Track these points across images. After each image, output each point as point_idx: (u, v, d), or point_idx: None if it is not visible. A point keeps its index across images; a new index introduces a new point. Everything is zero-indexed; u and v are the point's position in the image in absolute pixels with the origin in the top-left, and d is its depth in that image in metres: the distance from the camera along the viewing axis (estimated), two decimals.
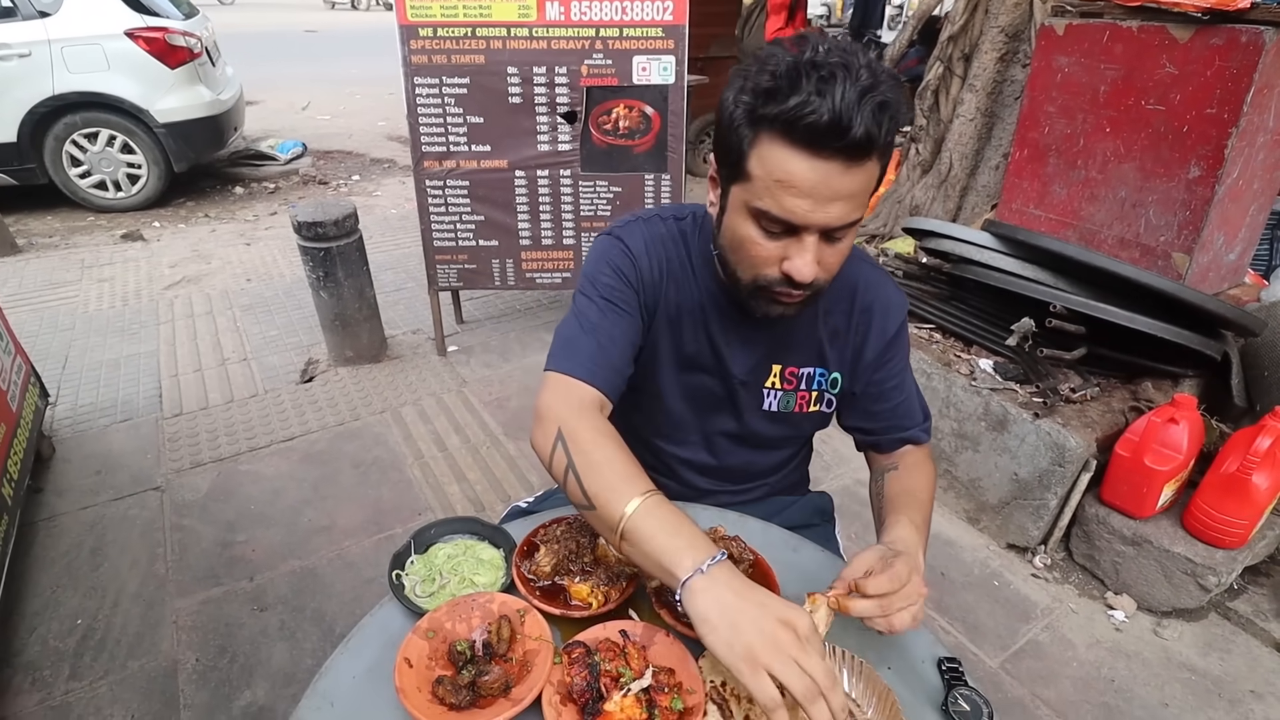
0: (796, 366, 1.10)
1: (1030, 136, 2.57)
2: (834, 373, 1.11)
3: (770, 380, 1.11)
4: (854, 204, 0.83)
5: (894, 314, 1.10)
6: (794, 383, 1.11)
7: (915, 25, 4.35)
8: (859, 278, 1.09)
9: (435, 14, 2.62)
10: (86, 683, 1.77)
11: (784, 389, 1.11)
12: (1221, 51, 2.01)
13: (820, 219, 0.82)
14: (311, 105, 8.44)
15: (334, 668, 0.86)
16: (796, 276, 0.86)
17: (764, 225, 0.86)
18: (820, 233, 0.84)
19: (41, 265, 4.17)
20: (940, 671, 0.87)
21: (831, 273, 0.90)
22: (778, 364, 1.10)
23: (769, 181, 0.82)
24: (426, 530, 1.04)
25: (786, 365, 1.10)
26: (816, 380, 1.11)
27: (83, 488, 2.42)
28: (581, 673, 0.80)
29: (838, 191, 0.80)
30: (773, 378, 1.11)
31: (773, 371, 1.10)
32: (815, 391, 1.12)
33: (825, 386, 1.12)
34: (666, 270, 1.06)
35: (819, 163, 0.78)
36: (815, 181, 0.79)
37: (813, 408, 1.13)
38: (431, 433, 2.76)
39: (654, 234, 1.07)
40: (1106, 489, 2.08)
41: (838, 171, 0.79)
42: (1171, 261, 2.27)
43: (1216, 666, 1.90)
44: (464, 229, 2.98)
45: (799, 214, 0.81)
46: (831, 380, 1.12)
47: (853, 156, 0.78)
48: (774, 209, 0.83)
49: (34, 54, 4.32)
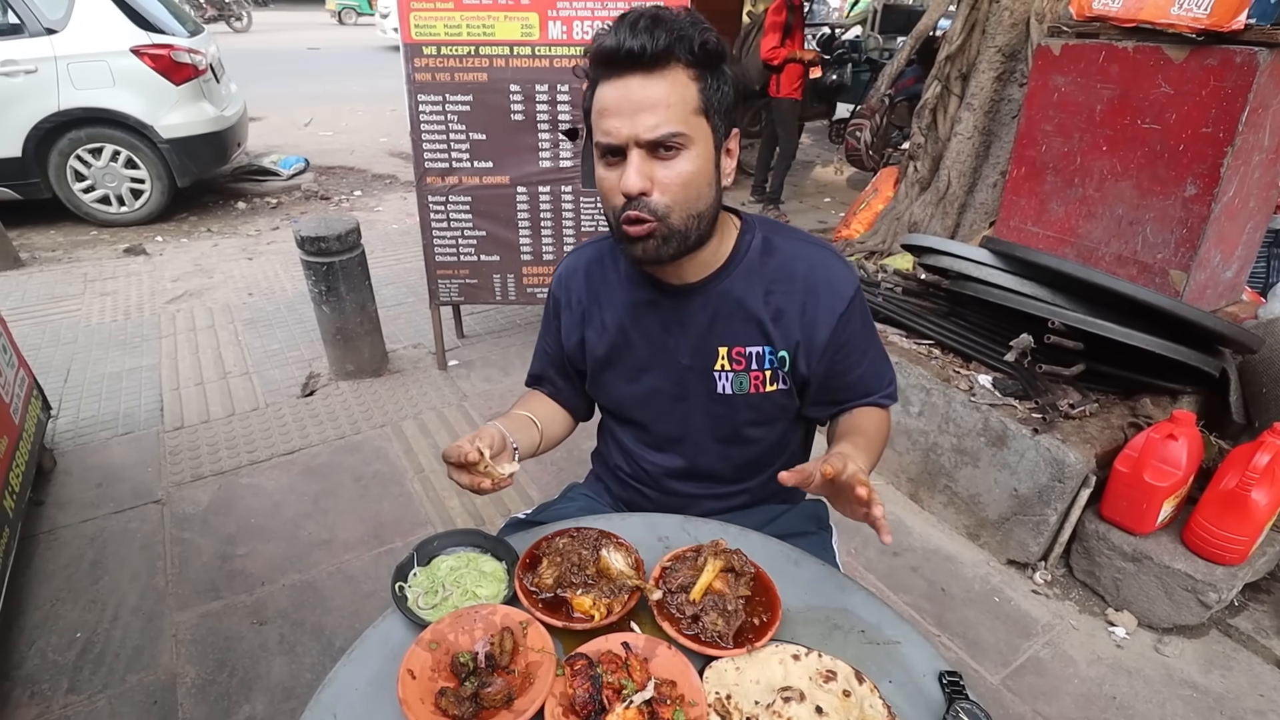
0: (743, 346, 1.12)
1: (1028, 155, 2.60)
2: (781, 350, 1.12)
3: (719, 363, 1.13)
4: (664, 113, 0.92)
5: (841, 288, 1.10)
6: (743, 363, 1.13)
7: (913, 45, 4.41)
8: (802, 257, 1.11)
9: (439, 33, 2.66)
10: (85, 696, 1.76)
11: (734, 369, 1.13)
12: (1216, 72, 2.04)
13: (631, 130, 0.92)
14: (314, 121, 8.50)
15: (337, 679, 0.86)
16: (625, 188, 0.94)
17: (603, 159, 0.97)
18: (643, 148, 0.93)
19: (44, 279, 4.19)
20: (941, 685, 0.87)
21: (671, 195, 0.96)
22: (723, 345, 1.12)
23: (596, 116, 0.96)
24: (429, 542, 1.05)
25: (733, 346, 1.12)
26: (767, 359, 1.12)
27: (84, 500, 2.42)
28: (584, 685, 0.80)
29: (640, 102, 0.91)
30: (721, 360, 1.13)
31: (720, 354, 1.12)
32: (768, 370, 1.13)
33: (776, 364, 1.13)
34: (586, 291, 1.19)
35: (618, 81, 0.93)
36: (619, 98, 0.93)
37: (769, 387, 1.14)
38: (432, 446, 2.77)
39: (574, 264, 1.22)
40: (1106, 505, 2.08)
41: (636, 83, 0.92)
42: (1169, 279, 2.29)
43: (1218, 684, 1.89)
44: (465, 244, 3.00)
45: (614, 131, 0.93)
46: (780, 358, 1.12)
47: (643, 67, 0.91)
48: (599, 136, 0.96)
49: (40, 70, 4.37)
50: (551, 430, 1.26)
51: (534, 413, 1.22)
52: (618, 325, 1.16)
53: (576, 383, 1.28)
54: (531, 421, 1.20)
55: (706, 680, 0.85)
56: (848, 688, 0.84)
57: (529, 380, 1.34)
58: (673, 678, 0.83)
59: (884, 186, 4.46)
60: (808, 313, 1.10)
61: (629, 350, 1.17)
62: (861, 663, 0.88)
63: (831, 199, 6.33)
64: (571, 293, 1.20)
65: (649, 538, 1.09)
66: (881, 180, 4.55)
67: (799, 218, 5.70)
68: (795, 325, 1.10)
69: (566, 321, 1.22)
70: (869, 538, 2.35)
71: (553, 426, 1.26)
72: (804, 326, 1.10)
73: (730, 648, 0.88)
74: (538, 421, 1.21)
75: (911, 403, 2.44)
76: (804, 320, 1.10)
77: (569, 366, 1.26)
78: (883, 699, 0.83)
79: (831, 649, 0.90)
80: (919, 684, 0.88)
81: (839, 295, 1.10)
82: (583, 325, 1.20)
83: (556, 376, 1.29)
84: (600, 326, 1.18)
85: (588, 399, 1.32)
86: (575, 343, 1.21)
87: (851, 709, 0.82)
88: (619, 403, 1.24)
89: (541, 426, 1.22)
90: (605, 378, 1.21)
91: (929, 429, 2.41)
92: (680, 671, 0.84)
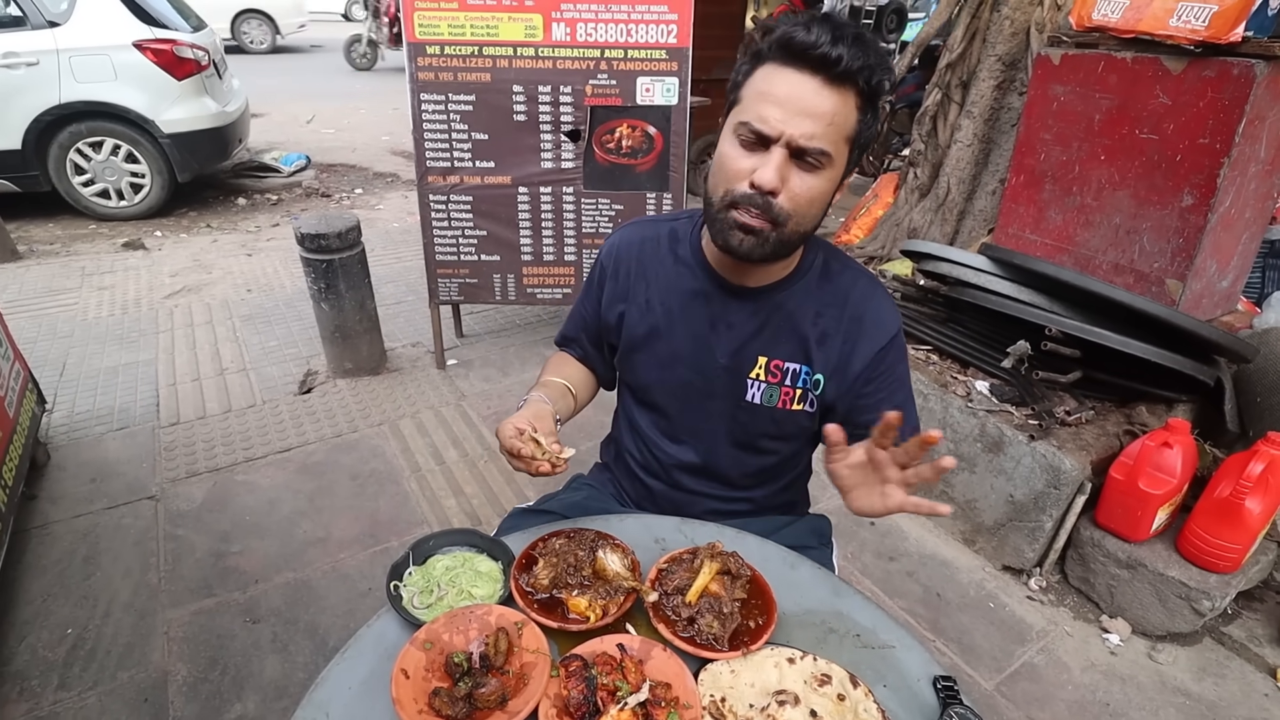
0: (783, 360, 1.12)
1: (1026, 163, 2.61)
2: (818, 373, 1.12)
3: (755, 371, 1.13)
4: (824, 127, 0.90)
5: (884, 328, 1.11)
6: (779, 376, 1.13)
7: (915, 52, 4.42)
8: (855, 286, 1.12)
9: (443, 33, 2.66)
10: (75, 693, 1.75)
11: (769, 381, 1.13)
12: (1214, 83, 2.05)
13: (789, 129, 0.90)
14: (316, 119, 8.49)
15: (330, 678, 0.86)
16: (759, 181, 0.93)
17: (742, 138, 0.94)
18: (789, 150, 0.92)
19: (42, 272, 4.18)
20: (936, 690, 0.87)
21: (796, 204, 0.95)
22: (764, 355, 1.12)
23: (754, 95, 0.93)
24: (425, 542, 1.05)
25: (773, 357, 1.12)
26: (801, 378, 1.13)
27: (77, 495, 2.41)
28: (578, 686, 0.80)
29: (810, 106, 0.90)
30: (758, 369, 1.13)
31: (759, 363, 1.13)
32: (799, 389, 1.13)
33: (809, 385, 1.13)
34: (637, 267, 1.18)
35: (797, 74, 0.90)
36: (791, 91, 0.90)
37: (795, 406, 1.14)
38: (429, 446, 2.76)
39: (630, 237, 1.21)
40: (1101, 512, 2.09)
41: (813, 87, 0.90)
42: (1165, 288, 2.30)
43: (1211, 692, 1.90)
44: (466, 244, 3.00)
45: (771, 120, 0.91)
46: (815, 381, 1.12)
47: (828, 74, 0.89)
48: (753, 118, 0.92)
49: (42, 63, 4.36)
50: (583, 396, 1.27)
51: (568, 379, 1.23)
52: (664, 308, 1.16)
53: (606, 353, 1.29)
54: (568, 389, 1.21)
55: (701, 683, 0.85)
56: (842, 691, 0.84)
57: (559, 339, 1.35)
58: (668, 680, 0.83)
59: (884, 192, 4.47)
60: (849, 341, 1.10)
61: (669, 336, 1.16)
62: (857, 667, 0.88)
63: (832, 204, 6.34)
64: (620, 264, 1.19)
65: (646, 539, 1.09)
66: (881, 186, 4.56)
67: None
68: (836, 351, 1.11)
69: (610, 292, 1.21)
70: (865, 542, 2.35)
71: (584, 392, 1.28)
72: (843, 355, 1.11)
73: (726, 650, 0.88)
74: (573, 388, 1.22)
75: None
76: (844, 348, 1.11)
77: (602, 337, 1.26)
78: (877, 703, 0.83)
79: (827, 653, 0.90)
80: (913, 689, 0.88)
81: (884, 331, 1.11)
82: (626, 300, 1.19)
83: (588, 342, 1.29)
84: (644, 306, 1.17)
85: (614, 369, 1.32)
86: (615, 316, 1.21)
87: (846, 713, 0.82)
88: (645, 385, 1.24)
89: (576, 393, 1.23)
90: (638, 358, 1.21)
91: None
92: (675, 674, 0.84)
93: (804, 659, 0.88)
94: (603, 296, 1.22)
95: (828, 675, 0.86)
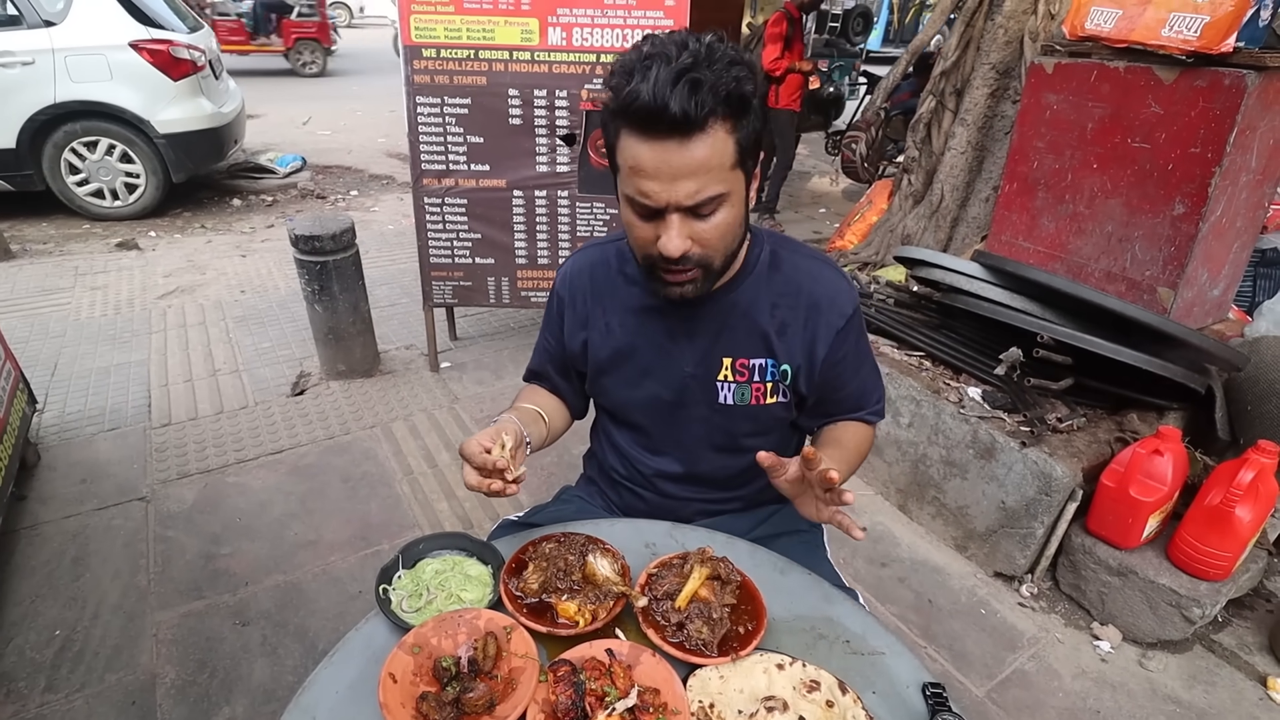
0: (746, 358, 1.13)
1: (1020, 170, 2.62)
2: (784, 364, 1.12)
3: (722, 374, 1.13)
4: (704, 178, 0.88)
5: (842, 306, 1.11)
6: (746, 374, 1.13)
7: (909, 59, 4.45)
8: (807, 272, 1.12)
9: (439, 36, 2.66)
10: (63, 695, 1.74)
11: (737, 380, 1.14)
12: (1205, 93, 2.06)
13: (670, 197, 0.88)
14: (312, 120, 8.49)
15: (317, 682, 0.86)
16: (666, 252, 0.92)
17: (635, 209, 0.94)
18: (683, 210, 0.90)
19: (35, 271, 4.16)
20: (925, 697, 0.87)
21: (712, 247, 0.95)
22: (728, 356, 1.13)
23: (626, 170, 0.91)
24: (414, 545, 1.04)
25: (737, 357, 1.13)
26: (769, 372, 1.13)
27: (67, 496, 2.40)
28: (567, 691, 0.80)
29: (679, 169, 0.87)
30: (724, 370, 1.13)
31: (724, 365, 1.13)
32: (770, 383, 1.14)
33: (778, 377, 1.13)
34: (591, 294, 1.18)
35: (655, 144, 0.86)
36: (657, 162, 0.87)
37: (769, 399, 1.15)
38: (422, 449, 2.76)
39: (580, 265, 1.20)
40: (1092, 519, 2.09)
41: (675, 149, 0.86)
42: (1157, 296, 2.31)
43: (1201, 699, 1.90)
44: (461, 246, 3.00)
45: (652, 195, 0.89)
46: (782, 372, 1.13)
47: (682, 133, 0.85)
48: (634, 194, 0.91)
49: (37, 62, 4.35)
50: (555, 425, 1.25)
51: (541, 407, 1.21)
52: (623, 329, 1.16)
53: (575, 382, 1.28)
54: (540, 416, 1.20)
55: (690, 688, 0.85)
56: (831, 698, 0.84)
57: (527, 375, 1.33)
58: (656, 685, 0.83)
59: (878, 199, 4.49)
60: (809, 327, 1.11)
61: (633, 355, 1.16)
62: (846, 673, 0.88)
63: (826, 210, 6.36)
64: (575, 292, 1.19)
65: (636, 544, 1.09)
66: (876, 192, 4.58)
67: (794, 228, 5.72)
68: (798, 340, 1.11)
69: (570, 321, 1.21)
70: (857, 549, 2.35)
71: (556, 421, 1.26)
72: (806, 342, 1.11)
73: (715, 656, 0.88)
74: (545, 416, 1.21)
75: (901, 414, 2.45)
76: (806, 335, 1.11)
77: (569, 366, 1.26)
78: (866, 710, 0.83)
79: (816, 659, 0.90)
80: (902, 695, 0.88)
81: (839, 312, 1.11)
82: (586, 326, 1.19)
83: (555, 374, 1.28)
84: (604, 329, 1.17)
85: (585, 397, 1.32)
86: (579, 344, 1.20)
87: (835, 719, 0.82)
88: (619, 406, 1.24)
89: (549, 421, 1.22)
90: (606, 381, 1.21)
91: (918, 440, 2.42)
92: (664, 679, 0.84)
93: (793, 665, 0.88)
94: (564, 326, 1.21)
95: (817, 681, 0.86)
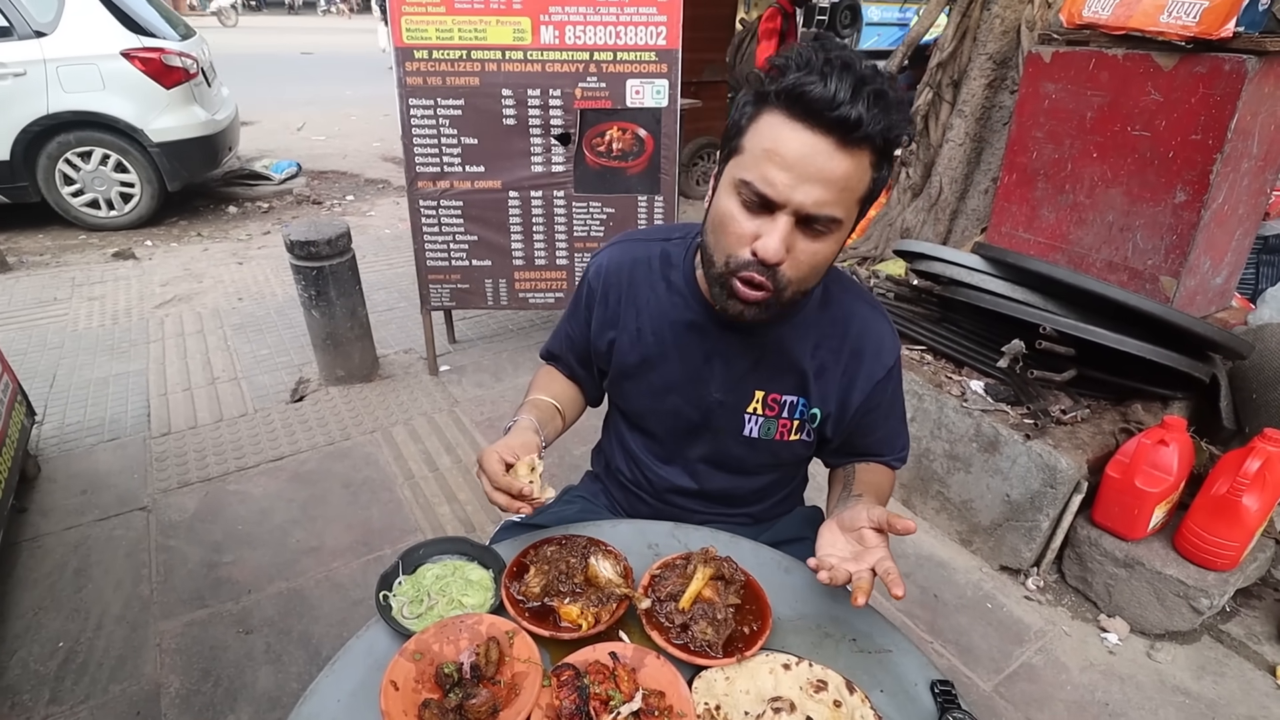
0: (779, 394, 1.09)
1: (1019, 161, 2.61)
2: (815, 407, 1.10)
3: (752, 406, 1.10)
4: (835, 194, 0.83)
5: (884, 355, 1.09)
6: (776, 409, 1.10)
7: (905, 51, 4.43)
8: (854, 316, 1.08)
9: (431, 37, 2.65)
10: (67, 707, 1.73)
11: (766, 415, 1.10)
12: (1205, 79, 2.05)
13: (798, 197, 0.82)
14: (306, 126, 8.48)
15: (319, 690, 0.85)
16: (762, 253, 0.86)
17: (744, 199, 0.86)
18: (796, 218, 0.84)
19: (31, 283, 4.15)
20: (933, 694, 0.86)
21: (802, 273, 0.89)
22: (761, 390, 1.09)
23: (758, 151, 0.84)
24: (415, 550, 1.03)
25: (770, 392, 1.09)
26: (799, 409, 1.10)
27: (68, 508, 2.39)
28: (570, 695, 0.79)
29: (821, 171, 0.81)
30: (755, 403, 1.10)
31: (755, 397, 1.09)
32: (797, 421, 1.11)
33: (805, 418, 1.11)
34: (627, 293, 1.12)
35: (809, 134, 0.81)
36: (801, 154, 0.81)
37: (793, 437, 1.12)
38: (422, 452, 2.75)
39: (619, 259, 1.13)
40: (1098, 511, 2.08)
41: (826, 150, 0.81)
42: (1159, 285, 2.30)
43: (1210, 690, 1.89)
44: (457, 249, 2.99)
45: (778, 186, 0.82)
46: (812, 414, 1.10)
47: (843, 136, 0.80)
48: (756, 179, 0.84)
49: (29, 73, 4.34)
50: (571, 415, 1.23)
51: (557, 398, 1.18)
52: (656, 338, 1.11)
53: (594, 372, 1.24)
54: (557, 410, 1.17)
55: (696, 690, 0.84)
56: (839, 698, 0.83)
57: (544, 354, 1.30)
58: (661, 688, 0.82)
59: None
60: (848, 374, 1.08)
61: (660, 367, 1.12)
62: (853, 672, 0.87)
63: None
64: (610, 288, 1.13)
65: (638, 545, 1.08)
66: None
67: None
68: (834, 385, 1.08)
69: (599, 317, 1.15)
70: None
71: (572, 411, 1.23)
72: (841, 388, 1.08)
73: (720, 657, 0.87)
74: (562, 409, 1.18)
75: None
76: (843, 381, 1.08)
77: (589, 357, 1.21)
78: (874, 709, 0.82)
79: (822, 658, 0.89)
80: (911, 693, 0.87)
81: (881, 364, 1.08)
82: (616, 326, 1.14)
83: (574, 362, 1.24)
84: (635, 334, 1.12)
85: (602, 388, 1.28)
86: (605, 343, 1.15)
87: (842, 719, 0.81)
88: (637, 413, 1.20)
89: (565, 413, 1.19)
90: (628, 385, 1.17)
91: (921, 435, 2.40)
92: (669, 682, 0.83)
93: (799, 665, 0.87)
94: (591, 320, 1.16)
95: (824, 681, 0.84)
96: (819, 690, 0.83)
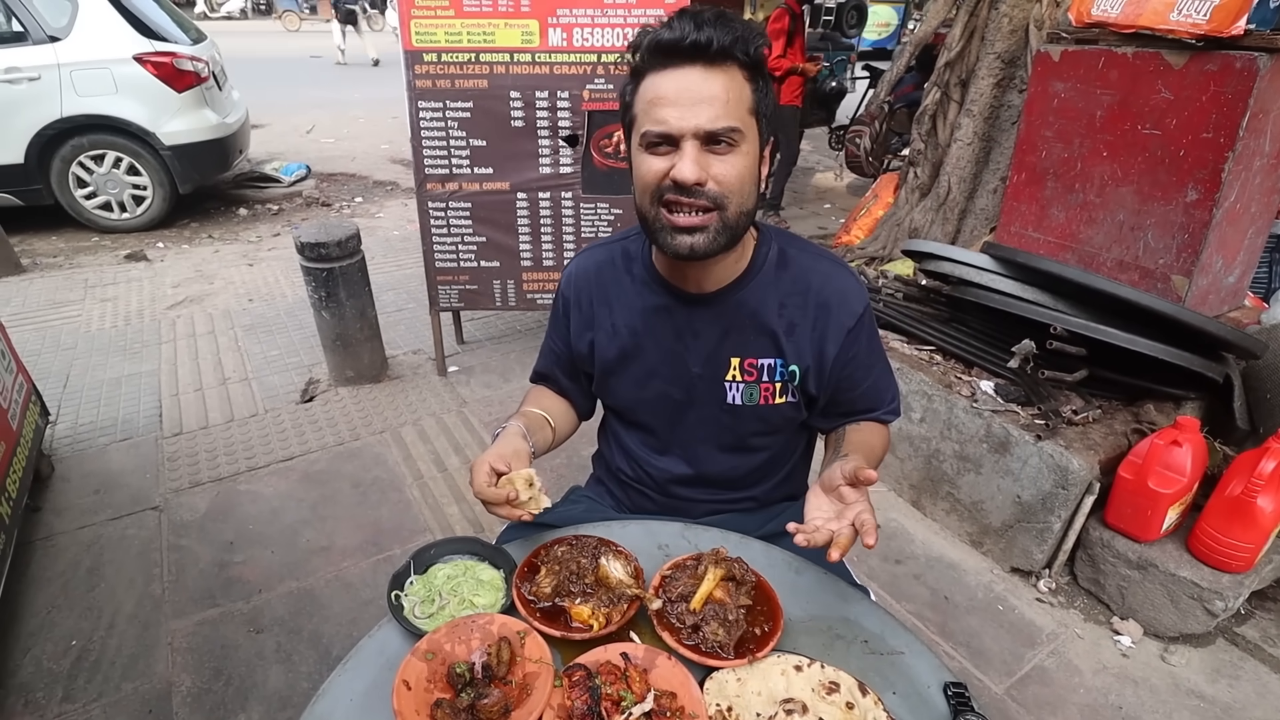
0: (755, 358, 1.12)
1: (1028, 160, 2.59)
2: (792, 364, 1.11)
3: (730, 373, 1.12)
4: (722, 108, 0.91)
5: (852, 305, 1.11)
6: (754, 374, 1.12)
7: (913, 51, 4.41)
8: (815, 270, 1.11)
9: (440, 40, 2.66)
10: (80, 705, 1.75)
11: (745, 380, 1.13)
12: (1216, 77, 2.03)
13: (690, 122, 0.91)
14: (316, 128, 8.53)
15: (331, 689, 0.85)
16: (678, 174, 0.92)
17: (649, 144, 0.95)
18: (699, 140, 0.92)
19: (45, 285, 4.19)
20: (947, 697, 0.86)
21: (727, 186, 0.94)
22: (736, 356, 1.12)
23: (645, 106, 0.94)
24: (426, 550, 1.04)
25: (745, 357, 1.12)
26: (778, 372, 1.12)
27: (81, 507, 2.41)
28: (582, 696, 0.79)
29: (700, 93, 0.91)
30: (732, 370, 1.12)
31: (731, 365, 1.12)
32: (779, 383, 1.13)
33: (786, 377, 1.13)
34: (597, 294, 1.18)
35: (677, 71, 0.92)
36: (678, 89, 0.91)
37: (778, 399, 1.14)
38: (431, 453, 2.75)
39: (584, 265, 1.20)
40: (1110, 512, 2.06)
41: (697, 75, 0.91)
42: (1171, 284, 2.28)
43: (1225, 693, 1.87)
44: (466, 250, 3.00)
45: (671, 121, 0.91)
46: (791, 372, 1.12)
47: (706, 59, 0.91)
48: (652, 124, 0.93)
49: (43, 78, 4.39)
50: (562, 429, 1.26)
51: (547, 411, 1.22)
52: (629, 329, 1.16)
53: (582, 383, 1.28)
54: (546, 421, 1.21)
55: (707, 692, 0.84)
56: (851, 700, 0.82)
57: (534, 377, 1.34)
58: (673, 689, 0.82)
59: (884, 193, 4.46)
60: (818, 328, 1.10)
61: (639, 355, 1.16)
62: (865, 674, 0.87)
63: (831, 205, 6.33)
64: (581, 293, 1.19)
65: (649, 545, 1.08)
66: (881, 186, 4.55)
67: (799, 224, 5.70)
68: (807, 340, 1.10)
69: (576, 322, 1.21)
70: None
71: (563, 424, 1.27)
72: (815, 342, 1.10)
73: (731, 658, 0.87)
74: (552, 420, 1.22)
75: (913, 409, 2.43)
76: (815, 335, 1.10)
77: (576, 367, 1.26)
78: (887, 711, 0.82)
79: (834, 660, 0.89)
80: (923, 695, 0.87)
81: (849, 311, 1.10)
82: (593, 327, 1.19)
83: (563, 376, 1.28)
84: (610, 330, 1.17)
85: (592, 398, 1.32)
86: (585, 345, 1.20)
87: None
88: (626, 406, 1.24)
89: (555, 425, 1.22)
90: (613, 381, 1.21)
91: (931, 435, 2.39)
92: (680, 683, 0.83)
93: (811, 666, 0.87)
94: (570, 327, 1.22)
95: (836, 683, 0.84)
96: (831, 692, 0.83)
